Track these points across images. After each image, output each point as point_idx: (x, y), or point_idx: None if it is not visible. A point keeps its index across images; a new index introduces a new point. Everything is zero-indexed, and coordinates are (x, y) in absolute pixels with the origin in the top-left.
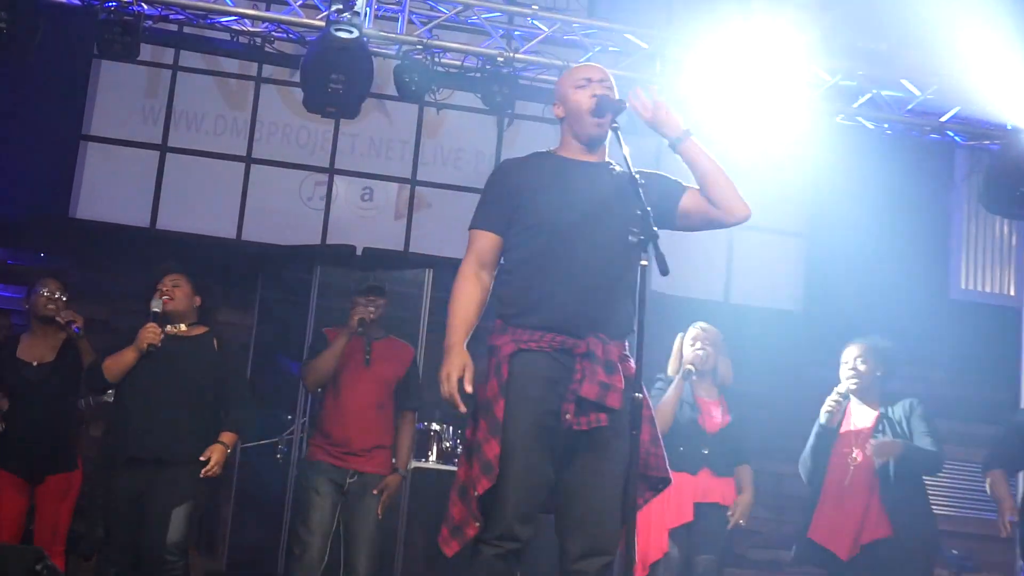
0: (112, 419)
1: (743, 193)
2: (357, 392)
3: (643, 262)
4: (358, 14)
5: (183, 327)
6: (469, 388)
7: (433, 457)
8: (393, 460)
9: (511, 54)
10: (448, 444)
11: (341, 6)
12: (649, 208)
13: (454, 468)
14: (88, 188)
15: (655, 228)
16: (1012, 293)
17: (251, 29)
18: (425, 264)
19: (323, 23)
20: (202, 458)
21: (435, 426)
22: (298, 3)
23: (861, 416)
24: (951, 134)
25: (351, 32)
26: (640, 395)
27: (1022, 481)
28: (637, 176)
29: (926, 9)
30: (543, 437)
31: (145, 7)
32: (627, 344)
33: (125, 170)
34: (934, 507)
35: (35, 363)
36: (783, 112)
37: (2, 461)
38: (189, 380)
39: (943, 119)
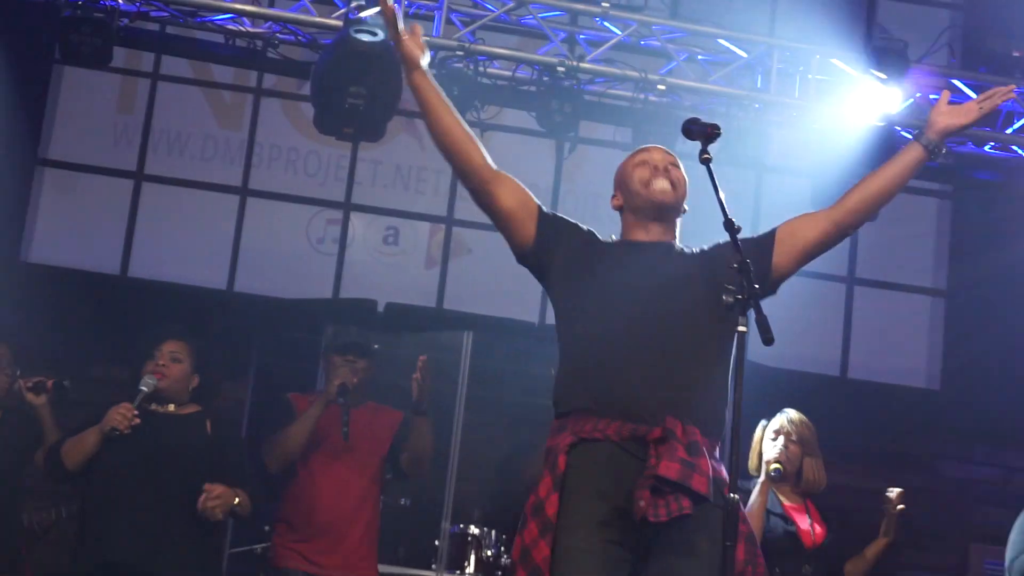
0: (79, 517)
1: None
2: (334, 473)
3: (741, 328)
4: None
5: (171, 407)
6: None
7: (471, 568)
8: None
9: (574, 63)
10: (490, 552)
11: (363, 2)
12: (749, 261)
13: None
14: (45, 225)
15: (757, 286)
16: None
17: (250, 30)
18: (463, 324)
19: (340, 22)
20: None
21: (473, 529)
22: None
23: None
24: None
25: (374, 34)
26: (735, 497)
27: None
28: (733, 221)
29: None
30: (607, 538)
31: (120, 2)
32: (719, 446)
33: (91, 203)
34: None
35: None
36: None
37: None
38: (176, 469)
39: None
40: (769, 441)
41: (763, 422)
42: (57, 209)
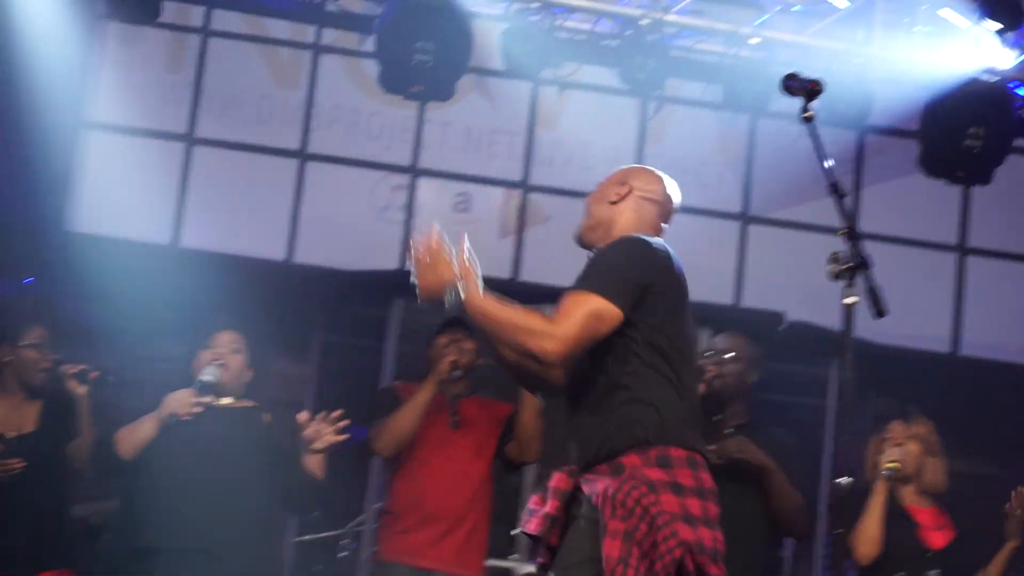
0: (122, 505)
1: None
2: (444, 463)
3: (850, 299)
4: None
5: (227, 400)
6: None
7: None
8: None
9: (660, 15)
10: None
11: None
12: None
13: None
14: (91, 192)
15: (863, 254)
16: None
17: None
18: (541, 298)
19: None
20: None
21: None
22: None
23: None
24: None
25: None
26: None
27: None
28: (839, 184)
29: None
30: None
31: None
32: (607, 463)
33: (140, 168)
34: None
35: (12, 435)
36: None
37: None
38: (233, 464)
39: None
40: (887, 441)
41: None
42: (104, 174)
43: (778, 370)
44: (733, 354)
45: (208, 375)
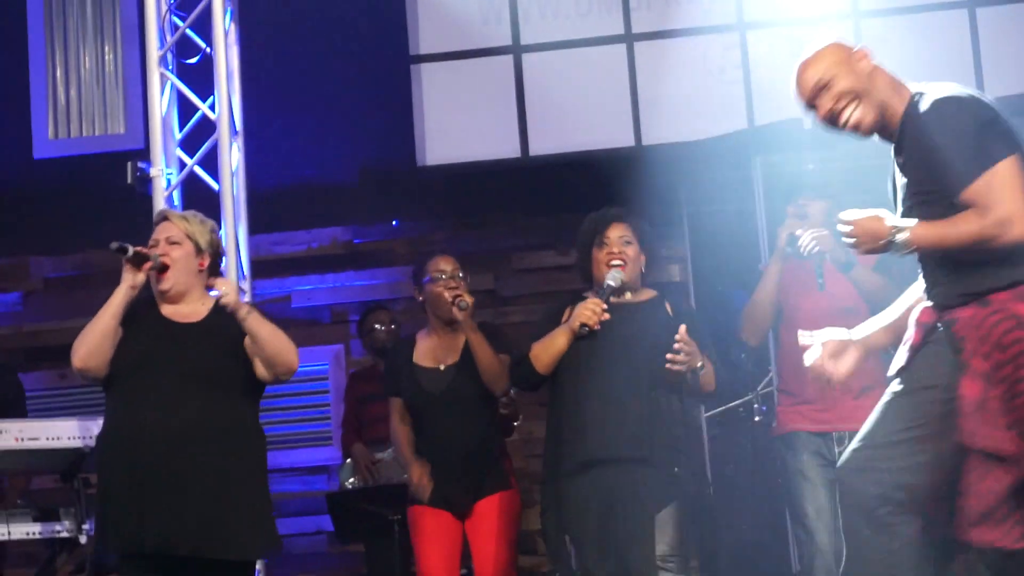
0: (550, 416)
1: None
2: (816, 325)
3: None
4: None
5: (628, 296)
6: None
7: None
8: None
9: None
10: None
11: None
12: None
13: None
14: (433, 123)
15: None
16: None
17: None
18: None
19: None
20: None
21: None
22: None
23: None
24: None
25: None
26: None
27: None
28: None
29: None
30: None
31: None
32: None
33: (474, 89)
34: None
35: (441, 367)
36: None
37: None
38: (644, 358)
39: None
40: None
41: None
42: (442, 103)
43: None
44: None
45: (612, 280)
